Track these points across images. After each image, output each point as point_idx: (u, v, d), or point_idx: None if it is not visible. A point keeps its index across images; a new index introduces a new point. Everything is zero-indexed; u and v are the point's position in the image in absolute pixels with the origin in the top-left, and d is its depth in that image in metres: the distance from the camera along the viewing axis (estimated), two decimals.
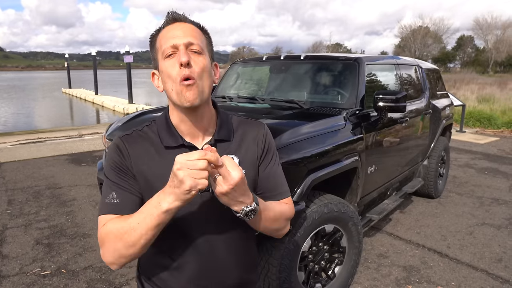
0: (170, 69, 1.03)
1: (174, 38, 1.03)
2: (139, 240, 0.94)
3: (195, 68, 1.03)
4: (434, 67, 5.02)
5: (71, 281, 2.83)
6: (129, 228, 0.95)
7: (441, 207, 4.40)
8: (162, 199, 0.91)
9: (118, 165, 1.07)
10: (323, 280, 2.51)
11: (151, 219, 0.92)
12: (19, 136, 8.16)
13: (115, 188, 1.05)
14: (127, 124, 3.09)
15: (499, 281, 2.89)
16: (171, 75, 1.03)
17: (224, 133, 1.14)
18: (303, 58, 3.45)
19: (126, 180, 1.06)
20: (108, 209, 1.03)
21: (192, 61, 1.03)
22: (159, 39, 1.07)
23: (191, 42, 1.03)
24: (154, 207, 0.92)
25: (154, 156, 1.08)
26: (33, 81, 54.99)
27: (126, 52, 15.67)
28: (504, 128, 9.93)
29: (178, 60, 1.02)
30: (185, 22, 1.08)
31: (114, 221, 1.00)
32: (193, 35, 1.05)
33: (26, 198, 4.54)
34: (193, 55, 1.04)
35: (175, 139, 1.09)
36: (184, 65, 1.01)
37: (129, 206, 1.03)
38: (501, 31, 62.93)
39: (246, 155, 1.14)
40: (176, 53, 1.03)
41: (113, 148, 1.10)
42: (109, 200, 1.04)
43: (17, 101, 23.93)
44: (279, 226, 1.16)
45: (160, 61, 1.06)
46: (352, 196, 2.78)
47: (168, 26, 1.07)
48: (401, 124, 3.35)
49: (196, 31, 1.07)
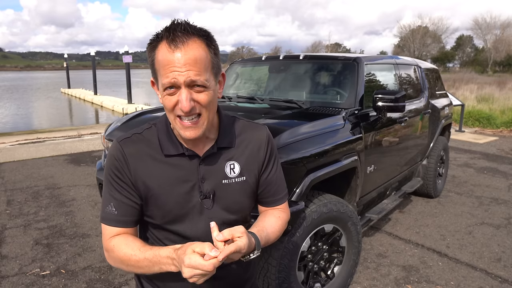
0: (169, 104, 0.99)
1: (174, 72, 0.94)
2: (143, 272, 1.03)
3: (197, 107, 0.99)
4: (433, 66, 5.02)
5: (70, 281, 2.83)
6: (136, 264, 1.01)
7: (440, 207, 4.40)
8: (171, 262, 0.96)
9: (116, 174, 1.07)
10: (323, 280, 2.51)
11: (160, 270, 0.99)
12: (18, 136, 8.15)
13: (112, 200, 1.07)
14: (126, 124, 3.08)
15: (498, 281, 2.89)
16: (170, 110, 1.00)
17: (226, 140, 1.12)
18: (302, 58, 3.45)
19: (123, 190, 1.07)
20: (108, 220, 1.08)
21: (195, 100, 0.98)
22: (158, 59, 0.97)
23: (192, 80, 0.95)
24: (165, 266, 0.97)
25: (153, 161, 1.07)
26: (32, 81, 54.93)
27: (125, 52, 15.65)
28: (503, 128, 9.93)
29: (179, 104, 0.97)
30: (188, 39, 0.95)
31: (121, 242, 1.05)
32: (196, 64, 0.94)
33: (25, 198, 4.54)
34: (196, 93, 0.98)
35: (175, 147, 1.08)
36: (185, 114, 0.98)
37: (127, 218, 1.08)
38: (500, 30, 63.04)
39: (247, 161, 1.14)
40: (177, 92, 0.97)
41: (111, 154, 1.09)
42: (109, 210, 1.08)
43: (17, 101, 23.91)
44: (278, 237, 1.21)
45: (160, 87, 1.00)
46: (351, 195, 2.78)
47: (167, 41, 0.95)
48: (400, 123, 3.35)
49: (200, 52, 0.96)
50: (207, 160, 1.09)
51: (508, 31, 61.62)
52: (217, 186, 1.09)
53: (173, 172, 1.07)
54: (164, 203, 1.07)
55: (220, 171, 1.10)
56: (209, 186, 1.08)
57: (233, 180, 1.11)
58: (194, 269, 0.87)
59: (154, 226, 1.12)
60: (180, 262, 0.90)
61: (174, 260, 0.94)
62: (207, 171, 1.09)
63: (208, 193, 1.09)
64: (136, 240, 1.06)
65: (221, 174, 1.10)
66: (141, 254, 1.00)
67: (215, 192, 1.09)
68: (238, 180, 1.12)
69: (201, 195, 1.08)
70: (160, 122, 1.13)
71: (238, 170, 1.12)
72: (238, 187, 1.12)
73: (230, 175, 1.11)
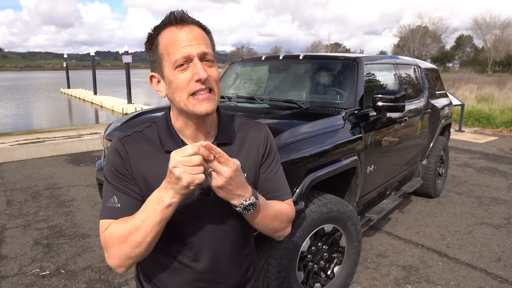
0: (182, 81, 0.99)
1: (186, 46, 0.97)
2: (145, 238, 0.95)
3: (211, 80, 1.00)
4: (433, 66, 5.02)
5: (70, 281, 2.83)
6: (133, 228, 0.95)
7: (440, 207, 4.40)
8: (163, 195, 0.92)
9: (117, 169, 1.06)
10: (322, 280, 2.51)
11: (155, 215, 0.93)
12: (18, 136, 8.15)
13: (115, 192, 1.05)
14: (126, 124, 3.08)
15: (498, 281, 2.89)
16: (184, 88, 0.99)
17: (226, 136, 1.13)
18: (302, 58, 3.45)
19: (126, 184, 1.06)
20: (109, 213, 1.03)
21: (208, 73, 0.99)
22: (163, 43, 1.00)
23: (204, 52, 0.98)
24: (157, 203, 0.93)
25: (154, 158, 1.07)
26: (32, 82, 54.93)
27: (125, 52, 15.65)
28: (503, 128, 9.94)
29: (194, 75, 0.98)
30: (192, 24, 1.01)
31: (116, 224, 1.00)
32: (205, 42, 1.00)
33: (25, 199, 4.54)
34: (207, 67, 1.00)
35: (175, 143, 1.08)
36: (202, 81, 0.98)
37: (130, 210, 1.03)
38: (499, 30, 63.08)
39: (247, 157, 1.14)
40: (190, 66, 0.98)
41: (112, 151, 1.09)
42: (110, 205, 1.04)
43: (16, 101, 23.91)
44: (279, 226, 1.15)
45: (168, 69, 1.00)
46: (351, 195, 2.78)
47: (173, 27, 0.99)
48: (400, 123, 3.35)
49: (204, 35, 1.02)
50: None
51: (507, 31, 61.68)
52: None
53: None
54: None
55: None
56: (209, 183, 1.08)
57: None
58: (179, 156, 0.86)
59: None
60: (167, 178, 0.90)
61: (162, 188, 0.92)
62: (207, 168, 1.08)
63: (208, 190, 1.07)
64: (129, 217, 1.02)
65: None
66: (135, 219, 0.96)
67: None
68: None
69: (201, 192, 1.07)
70: (160, 120, 1.13)
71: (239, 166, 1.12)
72: None
73: None
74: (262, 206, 1.05)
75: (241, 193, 0.96)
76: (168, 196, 0.91)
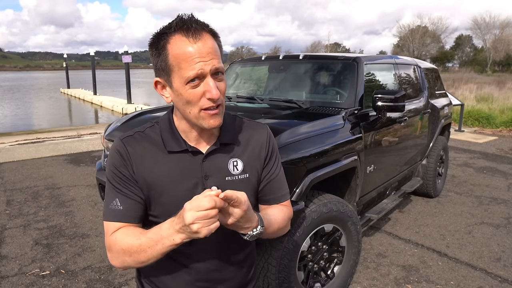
0: (195, 97, 0.98)
1: (200, 62, 0.94)
2: (149, 260, 0.99)
3: (220, 96, 1.00)
4: (432, 66, 5.02)
5: (70, 281, 2.83)
6: (139, 249, 0.97)
7: (440, 207, 4.41)
8: (175, 235, 0.92)
9: (119, 170, 1.06)
10: (323, 280, 2.51)
11: (163, 247, 0.94)
12: (18, 137, 8.15)
13: (117, 195, 1.06)
14: (126, 124, 3.08)
15: (498, 280, 2.90)
16: (195, 103, 0.99)
17: (228, 137, 1.13)
18: (301, 58, 3.45)
19: (128, 186, 1.06)
20: (113, 216, 1.05)
21: (218, 89, 0.99)
22: (173, 54, 0.96)
23: (217, 68, 0.97)
24: (167, 239, 0.93)
25: (156, 159, 1.07)
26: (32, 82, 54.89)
27: (124, 52, 15.66)
28: (502, 127, 9.95)
29: (206, 93, 0.97)
30: (204, 33, 0.97)
31: (122, 233, 1.02)
32: (216, 53, 0.97)
33: (24, 199, 4.54)
34: (218, 81, 0.99)
35: (178, 144, 1.08)
36: (214, 100, 0.98)
37: (132, 213, 1.05)
38: (499, 30, 63.10)
39: (249, 158, 1.14)
40: (202, 83, 0.97)
41: (114, 151, 1.08)
42: (113, 207, 1.05)
43: (16, 101, 23.89)
44: (280, 233, 1.20)
45: (178, 83, 0.98)
46: (351, 195, 2.78)
47: (184, 37, 0.95)
48: (400, 123, 3.35)
49: (213, 42, 0.98)
50: (210, 157, 1.09)
51: (507, 31, 61.71)
52: (221, 183, 1.08)
53: (176, 169, 1.07)
54: (168, 200, 1.06)
55: (223, 168, 1.10)
56: (212, 183, 1.07)
57: (236, 177, 1.11)
58: (195, 211, 0.85)
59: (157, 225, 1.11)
60: (181, 216, 0.88)
61: (173, 223, 0.91)
62: (210, 168, 1.08)
63: None
64: (137, 228, 1.04)
65: (224, 171, 1.10)
66: (143, 237, 0.97)
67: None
68: (242, 177, 1.12)
69: None
70: (163, 120, 1.13)
71: (241, 167, 1.12)
72: (241, 185, 1.11)
73: (233, 172, 1.11)
74: (267, 228, 1.08)
75: (249, 225, 0.99)
76: (180, 238, 0.92)
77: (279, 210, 1.19)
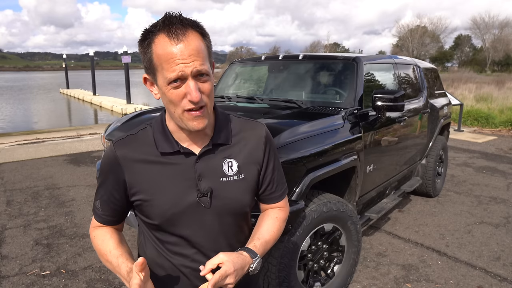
0: (176, 97, 0.97)
1: (180, 64, 0.93)
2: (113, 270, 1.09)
3: (203, 96, 0.98)
4: (432, 66, 5.03)
5: (70, 281, 2.83)
6: (105, 260, 1.10)
7: (439, 206, 4.41)
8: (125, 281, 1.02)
9: (106, 175, 1.11)
10: (322, 279, 2.52)
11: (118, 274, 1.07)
12: (17, 137, 8.15)
13: (100, 197, 1.14)
14: (126, 124, 3.08)
15: (497, 279, 2.90)
16: (177, 103, 0.98)
17: (222, 137, 1.11)
18: (301, 58, 3.45)
19: (110, 191, 1.11)
20: (94, 214, 1.17)
21: (200, 90, 0.97)
22: (157, 53, 0.95)
23: (198, 70, 0.95)
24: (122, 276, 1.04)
25: (148, 161, 1.07)
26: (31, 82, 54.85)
27: (124, 52, 15.65)
28: (501, 127, 9.96)
29: (187, 94, 0.96)
30: (189, 32, 0.95)
31: (98, 237, 1.14)
32: (199, 54, 0.95)
33: (25, 199, 4.54)
34: (201, 82, 0.97)
35: (171, 145, 1.07)
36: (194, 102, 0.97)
37: (109, 218, 1.15)
38: (498, 30, 63.12)
39: (246, 159, 1.13)
40: (183, 85, 0.96)
41: (105, 156, 1.13)
42: (96, 205, 1.15)
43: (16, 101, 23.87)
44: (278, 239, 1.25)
45: (162, 82, 0.98)
46: (351, 195, 2.79)
47: (166, 38, 0.94)
48: (400, 123, 3.36)
49: (199, 42, 0.96)
50: (204, 157, 1.08)
51: (506, 31, 61.73)
52: (215, 184, 1.08)
53: (169, 170, 1.06)
54: (161, 202, 1.06)
55: (217, 169, 1.09)
56: (206, 184, 1.07)
57: (231, 178, 1.10)
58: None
59: (153, 227, 1.11)
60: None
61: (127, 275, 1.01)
62: (204, 169, 1.07)
63: (205, 191, 1.07)
64: (112, 238, 1.13)
65: (218, 172, 1.09)
66: (109, 256, 1.07)
67: (212, 190, 1.08)
68: (236, 178, 1.10)
69: (199, 193, 1.07)
70: (156, 121, 1.12)
71: (236, 167, 1.10)
72: (236, 185, 1.10)
73: (228, 173, 1.09)
74: (264, 249, 1.14)
75: (245, 270, 1.05)
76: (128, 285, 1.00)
77: (273, 220, 1.21)
